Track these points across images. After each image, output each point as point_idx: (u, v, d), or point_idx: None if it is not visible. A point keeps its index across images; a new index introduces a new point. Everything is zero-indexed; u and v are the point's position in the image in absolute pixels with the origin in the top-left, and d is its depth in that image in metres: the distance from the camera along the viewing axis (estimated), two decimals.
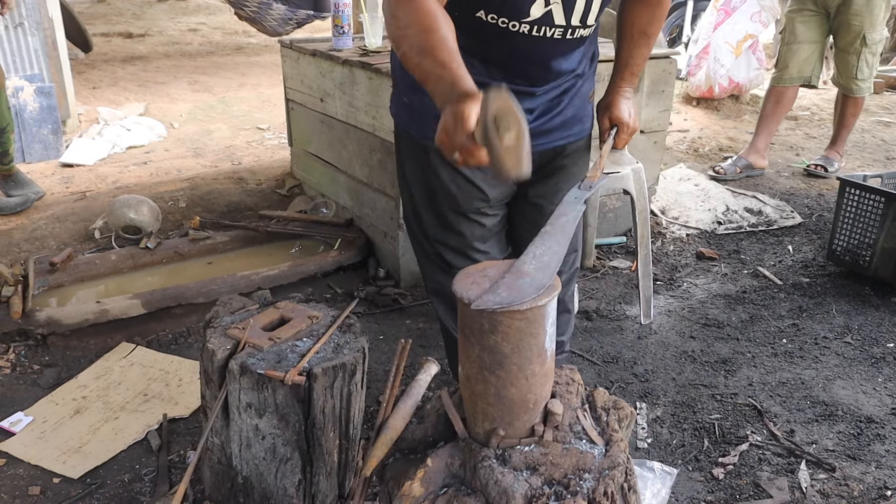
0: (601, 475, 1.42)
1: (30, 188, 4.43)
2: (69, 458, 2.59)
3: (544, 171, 2.18)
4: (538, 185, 2.20)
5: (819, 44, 5.17)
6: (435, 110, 1.51)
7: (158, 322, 3.35)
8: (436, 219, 2.22)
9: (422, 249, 2.35)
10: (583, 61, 2.09)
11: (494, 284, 1.39)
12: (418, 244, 2.35)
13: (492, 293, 1.36)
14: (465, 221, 2.19)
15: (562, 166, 2.20)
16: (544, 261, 1.45)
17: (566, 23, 1.89)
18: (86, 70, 7.74)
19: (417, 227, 2.29)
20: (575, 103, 2.13)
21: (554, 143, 2.13)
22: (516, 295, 1.35)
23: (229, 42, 9.96)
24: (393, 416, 1.59)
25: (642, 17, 2.15)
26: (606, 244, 4.33)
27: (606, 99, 2.22)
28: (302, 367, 2.05)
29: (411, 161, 2.21)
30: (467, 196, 2.14)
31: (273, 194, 4.69)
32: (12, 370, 3.04)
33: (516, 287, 1.37)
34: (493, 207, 2.21)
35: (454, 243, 2.22)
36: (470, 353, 1.42)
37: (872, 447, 2.73)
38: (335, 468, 2.24)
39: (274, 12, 7.18)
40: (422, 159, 2.14)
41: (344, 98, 3.88)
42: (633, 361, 3.24)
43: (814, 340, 3.41)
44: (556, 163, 2.18)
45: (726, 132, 6.50)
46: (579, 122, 2.18)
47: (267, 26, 7.32)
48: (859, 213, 3.84)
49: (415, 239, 2.36)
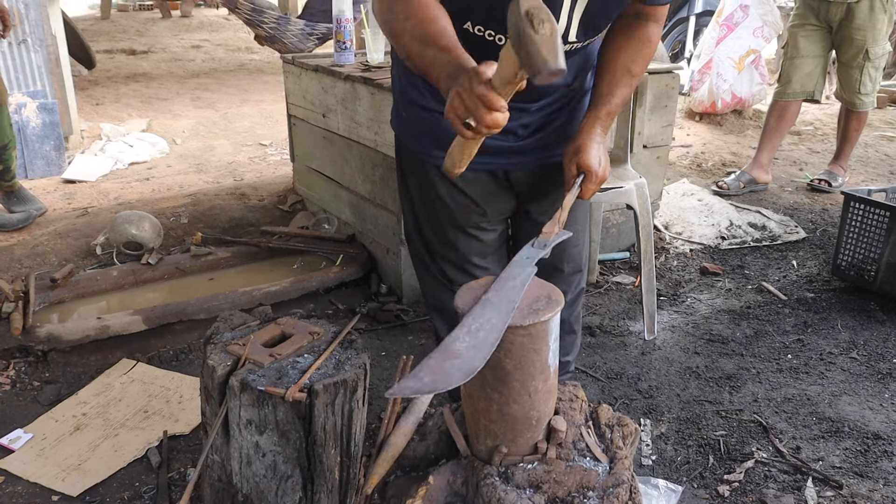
0: (605, 493, 1.40)
1: (32, 204, 4.43)
2: (68, 475, 2.56)
3: (544, 188, 2.17)
4: (539, 202, 2.19)
5: (822, 58, 5.17)
6: (432, 127, 1.50)
7: (159, 338, 3.34)
8: (435, 233, 2.21)
9: (423, 264, 2.33)
10: (578, 76, 2.06)
11: (420, 366, 1.23)
12: (419, 259, 2.34)
13: (413, 378, 1.21)
14: (463, 236, 2.18)
15: (562, 182, 2.18)
16: (479, 337, 1.28)
17: None
18: (89, 86, 7.76)
19: (419, 241, 2.28)
20: (574, 118, 2.10)
21: (552, 159, 2.10)
22: (440, 381, 1.20)
23: (232, 59, 9.99)
24: (394, 433, 1.57)
25: (627, 53, 1.98)
26: (609, 259, 4.32)
27: (576, 143, 1.95)
28: (303, 384, 2.04)
29: (411, 176, 2.21)
30: (465, 211, 2.13)
31: (275, 210, 4.69)
32: (12, 386, 3.02)
33: (442, 371, 1.22)
34: (492, 223, 2.20)
35: (453, 258, 2.22)
36: None
37: (880, 464, 2.70)
38: (336, 486, 2.22)
39: (293, 28, 7.14)
40: (421, 174, 2.14)
41: (346, 113, 3.87)
42: (637, 378, 3.22)
43: (819, 356, 3.39)
44: (555, 179, 2.16)
45: (729, 147, 6.49)
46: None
47: (287, 43, 7.25)
48: (864, 227, 3.83)
49: (416, 254, 2.35)
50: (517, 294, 1.38)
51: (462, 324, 1.31)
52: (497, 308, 1.34)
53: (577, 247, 2.33)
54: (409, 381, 1.20)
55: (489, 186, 2.12)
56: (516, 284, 1.42)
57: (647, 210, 3.39)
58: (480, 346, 1.26)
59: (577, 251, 2.35)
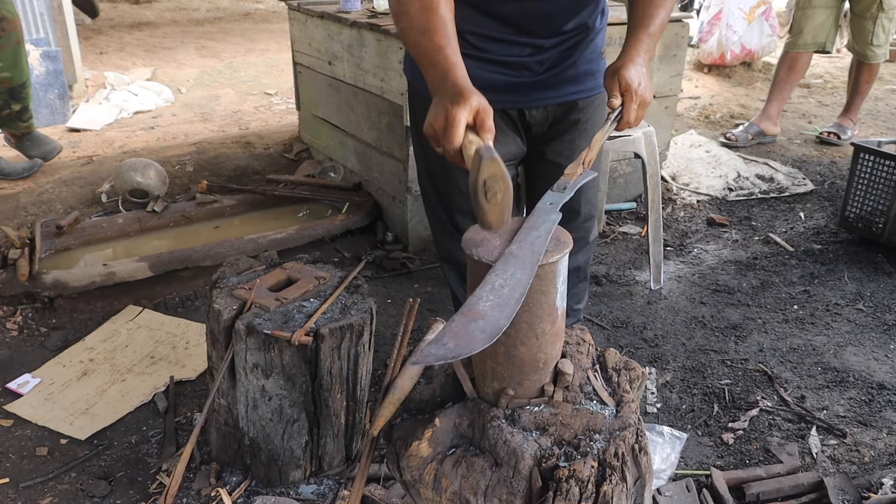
0: (612, 436, 1.40)
1: (48, 145, 4.39)
2: (76, 419, 2.58)
3: (559, 128, 2.15)
4: (555, 142, 2.18)
5: (834, 9, 5.09)
6: None
7: (165, 285, 3.34)
8: (445, 179, 2.19)
9: (434, 214, 2.33)
10: (593, 14, 2.05)
11: (443, 330, 1.17)
12: (431, 209, 2.33)
13: (436, 344, 1.14)
14: None
15: (576, 121, 2.16)
16: (504, 295, 1.22)
17: None
18: (92, 35, 7.68)
19: (430, 188, 2.27)
20: (587, 57, 2.09)
21: (566, 97, 2.10)
22: (464, 345, 1.14)
23: (237, 8, 9.88)
24: (400, 376, 1.57)
25: None
26: (616, 210, 4.30)
27: (616, 63, 1.86)
28: (309, 328, 2.04)
29: (423, 120, 2.19)
30: None
31: (281, 158, 4.66)
32: (19, 332, 3.03)
33: (466, 333, 1.16)
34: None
35: (462, 204, 2.20)
36: None
37: (884, 413, 2.71)
38: (342, 430, 2.24)
39: None
40: None
41: (352, 61, 3.83)
42: (643, 327, 3.21)
43: (825, 307, 3.38)
44: (570, 118, 2.14)
45: (738, 99, 6.43)
46: (592, 77, 2.13)
47: None
48: (873, 179, 3.80)
49: (428, 203, 2.34)
50: (541, 245, 1.32)
51: (485, 281, 1.25)
52: (521, 262, 1.28)
53: (593, 188, 2.33)
54: (432, 347, 1.14)
55: (500, 127, 2.10)
56: (540, 234, 1.35)
57: (654, 159, 3.37)
58: (505, 303, 1.20)
59: (594, 192, 2.35)
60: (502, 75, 2.00)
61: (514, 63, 1.99)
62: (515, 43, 1.97)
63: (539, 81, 2.04)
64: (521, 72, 2.01)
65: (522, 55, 1.99)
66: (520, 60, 1.99)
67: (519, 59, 1.99)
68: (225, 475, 2.30)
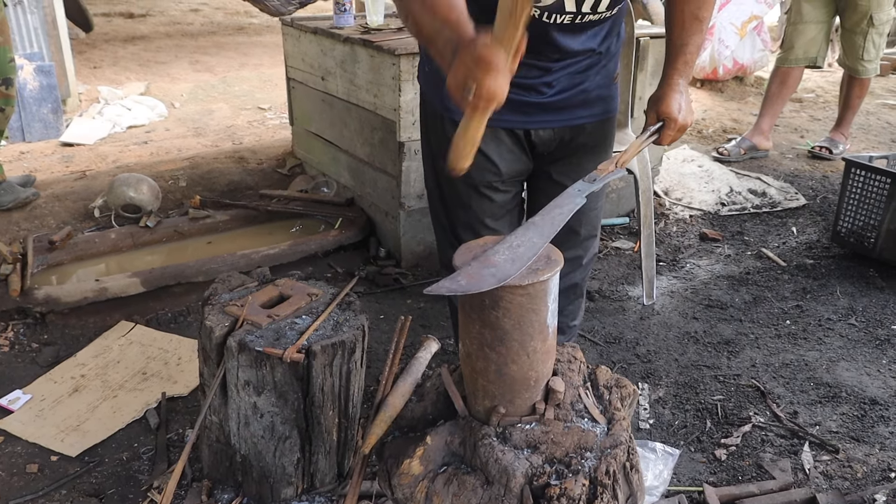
0: (603, 454, 1.40)
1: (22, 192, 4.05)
2: (67, 436, 2.57)
3: (567, 149, 2.16)
4: (561, 162, 2.19)
5: (825, 24, 5.12)
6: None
7: (158, 301, 3.34)
8: (450, 191, 2.22)
9: (439, 222, 2.35)
10: (606, 41, 2.06)
11: (458, 271, 1.32)
12: (436, 216, 2.35)
13: (450, 280, 1.29)
14: (476, 195, 2.18)
15: (583, 145, 2.16)
16: (518, 252, 1.36)
17: (577, 10, 1.87)
18: (86, 50, 7.68)
19: (437, 198, 2.29)
20: (597, 82, 2.10)
21: (575, 120, 2.10)
22: (474, 283, 1.28)
23: (231, 22, 9.89)
24: (392, 393, 1.57)
25: (693, 1, 2.01)
26: (609, 225, 4.31)
27: (657, 92, 2.03)
28: (301, 345, 2.03)
29: (432, 129, 2.21)
30: (479, 168, 2.11)
31: (274, 174, 4.67)
32: (11, 348, 3.02)
33: (478, 276, 1.30)
34: (506, 183, 2.19)
35: (465, 218, 2.21)
36: (470, 329, 1.40)
37: (876, 429, 2.71)
38: (334, 447, 2.23)
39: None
40: (440, 127, 2.14)
41: (345, 76, 3.84)
42: (636, 342, 3.22)
43: (817, 322, 3.39)
44: (578, 140, 2.15)
45: (730, 114, 6.45)
46: (602, 102, 2.14)
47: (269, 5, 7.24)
48: (865, 194, 3.81)
49: (434, 211, 2.35)
50: (562, 219, 1.48)
51: (504, 240, 1.40)
52: (540, 229, 1.43)
53: (594, 210, 2.33)
54: (446, 281, 1.29)
55: (506, 145, 2.11)
56: (563, 211, 1.51)
57: (647, 174, 3.38)
58: (517, 259, 1.34)
59: (595, 215, 2.36)
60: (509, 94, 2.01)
61: (521, 84, 1.99)
62: (522, 64, 1.97)
63: (547, 104, 2.05)
64: (529, 93, 2.01)
65: (529, 76, 1.98)
66: (527, 82, 1.99)
67: (526, 81, 1.98)
68: (216, 492, 2.29)
